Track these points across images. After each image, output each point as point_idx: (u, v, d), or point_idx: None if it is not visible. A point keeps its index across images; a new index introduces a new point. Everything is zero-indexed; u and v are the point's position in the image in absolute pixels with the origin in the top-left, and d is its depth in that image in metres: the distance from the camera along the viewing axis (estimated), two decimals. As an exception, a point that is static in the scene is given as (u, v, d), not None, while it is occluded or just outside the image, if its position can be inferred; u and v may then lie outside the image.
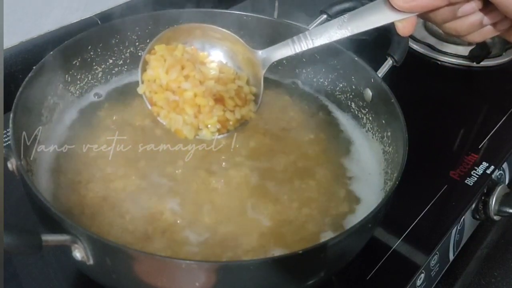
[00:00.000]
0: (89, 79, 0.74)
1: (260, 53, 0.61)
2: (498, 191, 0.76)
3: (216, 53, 0.64)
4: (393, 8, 0.50)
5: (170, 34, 0.62)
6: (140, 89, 0.61)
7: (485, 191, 0.77)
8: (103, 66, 0.75)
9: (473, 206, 0.76)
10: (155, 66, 0.60)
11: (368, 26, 0.53)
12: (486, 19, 0.49)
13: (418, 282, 0.67)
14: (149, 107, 0.61)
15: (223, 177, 0.64)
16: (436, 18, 0.49)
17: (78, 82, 0.72)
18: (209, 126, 0.60)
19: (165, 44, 0.62)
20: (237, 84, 0.62)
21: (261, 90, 0.63)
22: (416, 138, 0.61)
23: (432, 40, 1.06)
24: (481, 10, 0.48)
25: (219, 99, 0.60)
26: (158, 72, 0.60)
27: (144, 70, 0.61)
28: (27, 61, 0.80)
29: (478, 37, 0.51)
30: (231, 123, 0.61)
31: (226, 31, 0.63)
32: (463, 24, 0.49)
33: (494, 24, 0.50)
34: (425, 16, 0.50)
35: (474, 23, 0.49)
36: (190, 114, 0.59)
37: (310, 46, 0.58)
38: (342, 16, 0.54)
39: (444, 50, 1.04)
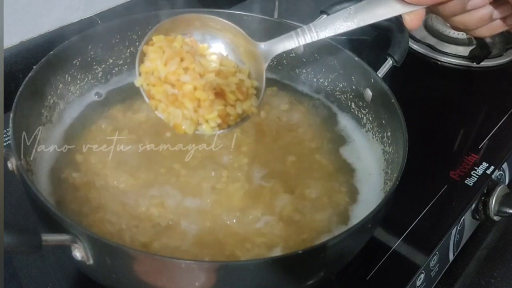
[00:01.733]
0: (89, 78, 0.74)
1: (263, 45, 0.59)
2: (498, 191, 0.76)
3: (216, 45, 0.62)
4: (401, 0, 0.48)
5: (168, 25, 0.59)
6: (138, 82, 0.58)
7: (485, 192, 0.77)
8: (103, 66, 0.75)
9: (473, 206, 0.76)
10: (153, 58, 0.57)
11: (375, 18, 0.51)
12: (496, 13, 0.48)
13: (418, 282, 0.67)
14: (147, 100, 0.58)
15: (222, 178, 0.64)
16: (445, 11, 0.48)
17: (78, 82, 0.72)
18: (209, 121, 0.57)
19: (164, 35, 0.59)
20: (238, 77, 0.60)
21: (263, 84, 0.60)
22: (416, 138, 0.61)
23: (432, 40, 1.06)
24: (491, 3, 0.47)
25: (219, 93, 0.57)
26: (156, 64, 0.57)
27: (141, 61, 0.59)
28: (27, 61, 0.80)
29: (486, 31, 0.50)
30: (232, 118, 0.58)
31: (227, 21, 0.60)
32: (472, 18, 0.48)
33: (503, 19, 0.49)
34: (433, 9, 0.49)
35: (483, 17, 0.48)
36: (189, 108, 0.56)
37: (315, 38, 0.55)
38: (348, 8, 0.52)
39: (444, 50, 1.04)
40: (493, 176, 0.79)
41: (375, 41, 0.90)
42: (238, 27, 0.60)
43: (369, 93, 0.70)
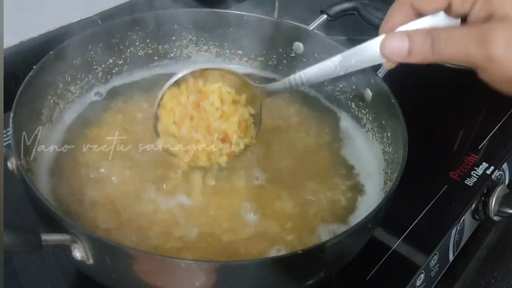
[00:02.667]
0: (89, 78, 0.74)
1: (259, 87, 0.63)
2: (498, 191, 0.76)
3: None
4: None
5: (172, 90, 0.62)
6: (159, 144, 0.62)
7: (485, 192, 0.77)
8: (103, 66, 0.75)
9: (473, 206, 0.76)
10: (167, 123, 0.61)
11: (360, 66, 0.55)
12: None
13: (418, 282, 0.67)
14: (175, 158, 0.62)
15: (223, 177, 0.64)
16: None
17: (78, 81, 0.72)
18: (219, 162, 0.62)
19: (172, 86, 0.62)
20: (238, 113, 0.62)
21: (260, 120, 0.64)
22: (416, 138, 0.61)
23: (432, 40, 1.06)
24: None
25: (224, 138, 0.62)
26: (171, 127, 0.61)
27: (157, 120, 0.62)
28: (27, 61, 0.80)
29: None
30: (236, 152, 0.63)
31: (227, 69, 0.63)
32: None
33: None
34: None
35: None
36: (204, 160, 0.61)
37: (305, 86, 0.62)
38: (334, 58, 0.55)
39: (444, 50, 1.04)
40: (493, 176, 0.79)
41: (375, 41, 0.90)
42: (237, 72, 0.63)
43: (369, 93, 0.70)
